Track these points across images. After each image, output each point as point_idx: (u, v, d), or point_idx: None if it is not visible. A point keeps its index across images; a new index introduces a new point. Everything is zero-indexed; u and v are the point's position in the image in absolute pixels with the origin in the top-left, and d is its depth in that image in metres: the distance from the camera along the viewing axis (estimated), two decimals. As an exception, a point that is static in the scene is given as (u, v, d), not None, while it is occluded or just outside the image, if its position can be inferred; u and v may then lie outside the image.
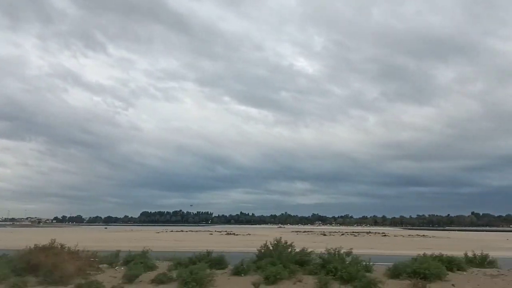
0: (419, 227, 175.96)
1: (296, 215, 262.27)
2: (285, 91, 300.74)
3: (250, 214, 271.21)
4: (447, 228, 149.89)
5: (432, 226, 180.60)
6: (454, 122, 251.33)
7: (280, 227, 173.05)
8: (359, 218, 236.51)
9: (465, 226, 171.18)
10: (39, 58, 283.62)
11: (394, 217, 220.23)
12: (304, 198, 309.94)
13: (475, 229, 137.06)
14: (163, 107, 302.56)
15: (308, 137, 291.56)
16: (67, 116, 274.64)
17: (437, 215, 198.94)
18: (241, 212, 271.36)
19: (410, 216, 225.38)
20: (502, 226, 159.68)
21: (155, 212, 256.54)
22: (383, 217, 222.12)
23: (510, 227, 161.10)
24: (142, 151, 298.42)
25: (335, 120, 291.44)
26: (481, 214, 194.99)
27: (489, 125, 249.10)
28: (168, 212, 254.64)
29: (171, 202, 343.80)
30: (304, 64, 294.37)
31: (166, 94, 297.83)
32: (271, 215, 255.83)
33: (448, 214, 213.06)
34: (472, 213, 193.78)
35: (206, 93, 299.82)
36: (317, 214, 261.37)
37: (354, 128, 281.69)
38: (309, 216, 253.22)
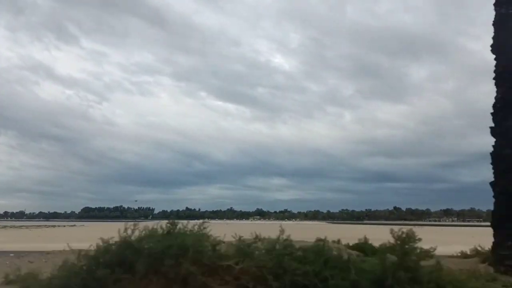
0: (342, 221, 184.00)
1: (240, 210, 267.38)
2: (262, 87, 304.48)
3: (197, 209, 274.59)
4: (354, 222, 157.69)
5: (354, 220, 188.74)
6: (427, 119, 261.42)
7: (205, 222, 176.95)
8: (296, 212, 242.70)
9: (382, 220, 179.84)
10: (8, 49, 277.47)
11: (329, 211, 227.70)
12: (281, 193, 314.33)
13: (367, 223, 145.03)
14: (138, 102, 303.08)
15: (286, 133, 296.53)
16: (38, 110, 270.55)
17: (358, 211, 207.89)
18: (186, 207, 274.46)
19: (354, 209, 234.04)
20: (411, 220, 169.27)
21: (95, 207, 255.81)
22: (316, 211, 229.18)
23: (424, 221, 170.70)
24: (117, 146, 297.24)
25: (312, 116, 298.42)
26: (404, 208, 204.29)
27: (461, 123, 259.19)
28: (108, 208, 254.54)
29: (147, 198, 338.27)
30: (281, 61, 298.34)
31: (141, 89, 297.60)
32: (213, 210, 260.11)
33: (385, 209, 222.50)
34: (394, 207, 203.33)
35: (182, 88, 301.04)
36: (261, 208, 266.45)
37: (331, 124, 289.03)
38: (250, 211, 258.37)
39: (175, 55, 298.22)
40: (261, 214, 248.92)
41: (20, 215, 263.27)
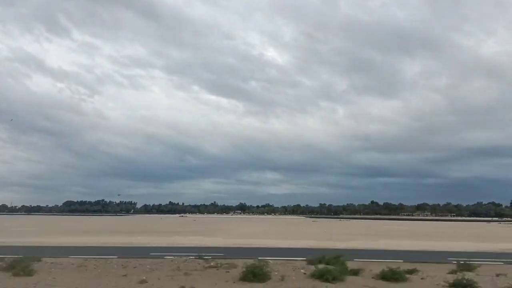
0: (320, 215, 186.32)
1: (224, 205, 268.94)
2: (255, 81, 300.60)
3: (181, 203, 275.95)
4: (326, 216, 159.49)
5: (332, 214, 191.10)
6: (420, 115, 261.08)
7: (182, 216, 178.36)
8: (280, 207, 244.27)
9: (356, 214, 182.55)
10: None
11: (307, 205, 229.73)
12: (275, 188, 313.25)
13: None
14: (130, 95, 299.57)
15: (279, 128, 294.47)
16: (29, 103, 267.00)
17: (335, 205, 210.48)
18: (170, 202, 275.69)
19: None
20: (384, 214, 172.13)
21: (77, 201, 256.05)
22: (297, 205, 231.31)
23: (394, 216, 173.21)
24: (109, 140, 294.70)
25: (305, 111, 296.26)
26: (381, 203, 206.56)
27: (453, 119, 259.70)
28: (89, 201, 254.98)
29: (140, 192, 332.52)
30: (274, 55, 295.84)
31: (133, 82, 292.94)
32: (195, 205, 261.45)
33: (360, 204, 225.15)
34: (371, 201, 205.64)
35: (175, 82, 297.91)
36: (244, 203, 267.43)
37: (324, 119, 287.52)
38: (232, 206, 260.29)
39: (167, 48, 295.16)
40: (243, 208, 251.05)
41: (2, 209, 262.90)
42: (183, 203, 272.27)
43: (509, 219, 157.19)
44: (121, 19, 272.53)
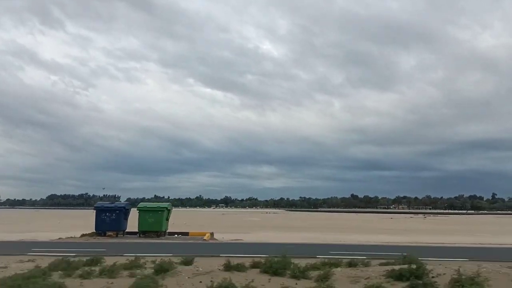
0: (301, 209, 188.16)
1: (209, 198, 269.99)
2: (251, 74, 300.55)
3: (166, 197, 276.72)
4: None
5: (313, 207, 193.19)
6: (416, 108, 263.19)
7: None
8: (263, 200, 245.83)
9: (335, 207, 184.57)
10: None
11: (288, 199, 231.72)
12: (270, 181, 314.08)
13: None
14: (124, 88, 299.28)
15: (275, 121, 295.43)
16: (23, 96, 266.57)
17: (314, 199, 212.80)
18: (154, 195, 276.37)
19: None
20: (360, 207, 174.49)
21: (60, 195, 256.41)
22: (281, 199, 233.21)
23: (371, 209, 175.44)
24: (103, 133, 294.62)
25: (301, 104, 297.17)
26: (362, 196, 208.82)
27: (449, 112, 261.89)
28: (73, 195, 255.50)
29: (135, 185, 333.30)
30: (269, 48, 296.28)
31: (128, 75, 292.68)
32: (179, 198, 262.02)
33: (335, 197, 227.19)
34: (352, 195, 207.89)
35: (170, 75, 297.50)
36: (230, 197, 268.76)
37: (320, 113, 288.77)
38: (217, 199, 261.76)
39: (162, 40, 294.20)
40: (226, 202, 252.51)
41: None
42: (168, 197, 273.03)
43: (485, 212, 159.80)
44: (115, 12, 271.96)
